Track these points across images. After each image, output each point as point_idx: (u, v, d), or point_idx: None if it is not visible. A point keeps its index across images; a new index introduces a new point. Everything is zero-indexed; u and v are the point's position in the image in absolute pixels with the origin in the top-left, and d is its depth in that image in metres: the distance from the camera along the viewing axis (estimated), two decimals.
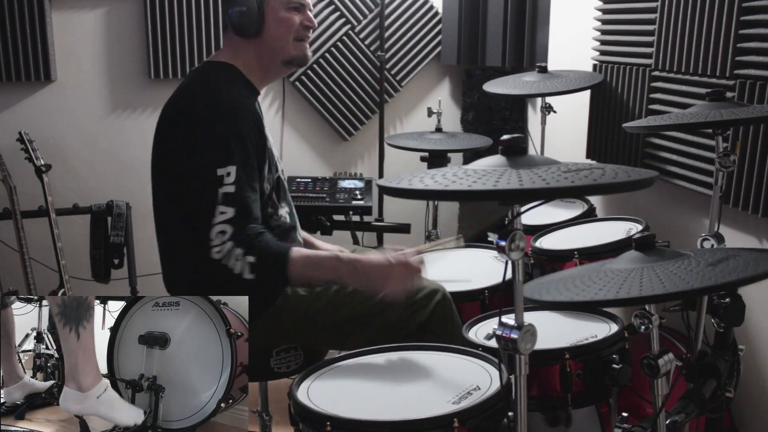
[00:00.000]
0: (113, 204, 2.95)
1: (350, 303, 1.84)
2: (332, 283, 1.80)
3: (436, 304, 1.81)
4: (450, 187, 1.11)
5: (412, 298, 1.82)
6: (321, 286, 1.81)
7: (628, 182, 1.11)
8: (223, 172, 1.71)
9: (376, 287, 1.71)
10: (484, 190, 1.10)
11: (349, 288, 1.85)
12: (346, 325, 1.84)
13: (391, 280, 1.70)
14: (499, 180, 1.11)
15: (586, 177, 1.11)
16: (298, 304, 1.85)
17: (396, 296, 1.70)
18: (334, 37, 3.46)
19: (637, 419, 1.58)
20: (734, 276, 1.21)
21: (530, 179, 1.10)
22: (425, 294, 1.82)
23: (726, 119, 1.64)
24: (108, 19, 3.25)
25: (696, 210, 2.36)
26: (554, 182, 1.08)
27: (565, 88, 2.60)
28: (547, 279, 1.46)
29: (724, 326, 1.71)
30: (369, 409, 1.36)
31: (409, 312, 1.80)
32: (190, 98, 1.84)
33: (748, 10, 2.03)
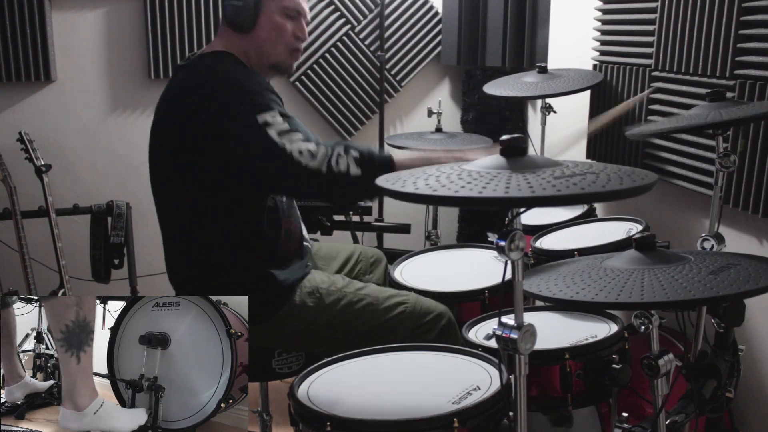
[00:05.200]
0: (113, 204, 2.95)
1: (357, 320, 1.85)
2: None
3: (442, 328, 1.84)
4: (459, 193, 1.10)
5: (419, 320, 1.84)
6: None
7: (622, 190, 1.08)
8: (266, 117, 1.71)
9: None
10: (494, 197, 1.08)
11: (357, 305, 1.87)
12: (350, 339, 1.84)
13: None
14: (509, 187, 1.10)
15: (575, 185, 1.09)
16: (304, 314, 1.85)
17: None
18: (334, 37, 3.46)
19: (637, 419, 1.58)
20: (736, 288, 1.21)
21: (540, 185, 1.09)
22: (432, 318, 1.85)
23: (726, 119, 1.64)
24: (108, 19, 3.25)
25: (696, 210, 2.36)
26: (550, 190, 1.08)
27: (565, 88, 2.59)
28: (546, 273, 1.45)
29: (724, 326, 1.71)
30: (369, 409, 1.36)
31: (416, 334, 1.82)
32: (206, 82, 1.80)
33: (748, 10, 2.03)
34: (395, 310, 1.86)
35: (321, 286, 1.90)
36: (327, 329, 1.86)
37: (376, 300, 1.88)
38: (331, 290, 1.89)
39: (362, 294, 1.90)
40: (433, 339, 1.81)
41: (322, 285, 1.90)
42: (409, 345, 1.62)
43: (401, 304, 1.87)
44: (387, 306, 1.87)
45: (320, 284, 1.90)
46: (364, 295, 1.89)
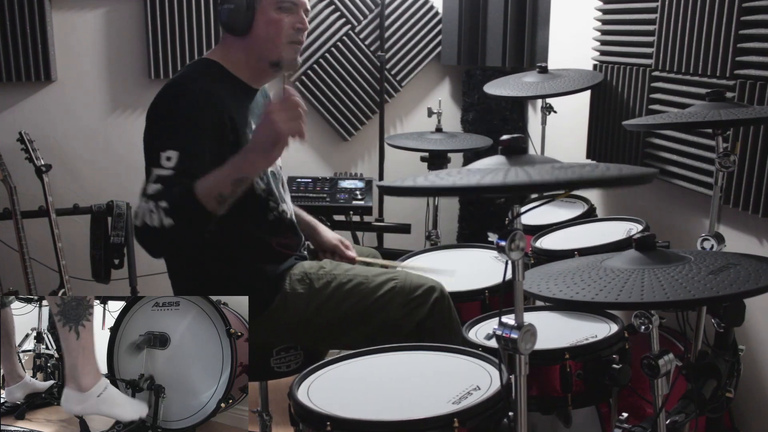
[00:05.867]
0: (113, 204, 2.95)
1: (349, 301, 1.85)
2: (240, 176, 1.62)
3: (434, 302, 1.82)
4: (459, 183, 1.09)
5: (410, 295, 1.82)
6: (237, 190, 1.63)
7: (622, 177, 1.07)
8: (164, 155, 1.63)
9: (273, 141, 1.58)
10: (493, 185, 1.06)
11: (347, 285, 1.85)
12: (344, 323, 1.84)
13: (277, 125, 1.57)
14: (507, 174, 1.09)
15: (574, 172, 1.08)
16: (296, 303, 1.85)
17: (293, 132, 1.58)
18: (334, 37, 3.46)
19: (637, 419, 1.58)
20: (736, 288, 1.21)
21: (538, 174, 1.09)
22: (423, 291, 1.83)
23: (726, 119, 1.65)
24: (108, 19, 3.25)
25: (696, 210, 2.36)
26: (548, 176, 1.06)
27: (565, 88, 2.60)
28: (546, 272, 1.45)
29: (725, 326, 1.71)
30: (369, 409, 1.36)
31: (408, 309, 1.81)
32: (158, 94, 1.79)
33: (748, 10, 2.03)
34: (385, 287, 1.85)
35: (310, 271, 1.89)
36: (320, 315, 1.85)
37: (366, 279, 1.87)
38: (320, 274, 1.89)
39: (351, 274, 1.89)
40: (425, 313, 1.79)
41: (310, 270, 1.90)
42: (409, 345, 1.62)
43: (391, 280, 1.86)
44: (377, 284, 1.86)
45: (309, 269, 1.90)
46: (354, 275, 1.89)
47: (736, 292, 1.21)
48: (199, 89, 1.76)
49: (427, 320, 1.80)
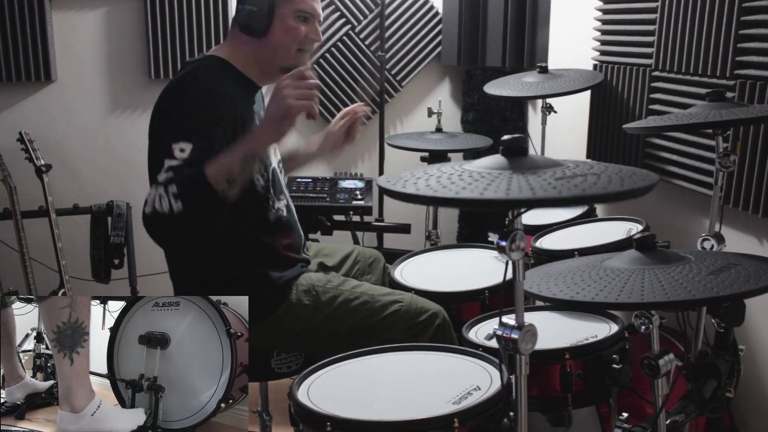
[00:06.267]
0: (113, 204, 2.96)
1: (353, 318, 1.85)
2: (248, 152, 1.62)
3: (437, 328, 1.83)
4: (460, 194, 1.10)
5: (414, 320, 1.84)
6: (245, 171, 1.64)
7: (623, 192, 1.08)
8: (177, 147, 1.63)
9: (281, 115, 1.59)
10: (496, 199, 1.08)
11: (354, 302, 1.87)
12: (347, 337, 1.84)
13: (287, 99, 1.57)
14: (510, 189, 1.10)
15: (576, 186, 1.09)
16: (301, 313, 1.85)
17: (302, 109, 1.59)
18: (335, 37, 3.46)
19: (637, 419, 1.58)
20: (736, 288, 1.21)
21: (541, 187, 1.09)
22: (427, 317, 1.84)
23: (726, 119, 1.64)
24: (108, 19, 3.25)
25: (696, 210, 2.36)
26: (551, 192, 1.07)
27: (565, 88, 2.59)
28: (546, 271, 1.45)
29: (724, 326, 1.71)
30: (369, 409, 1.36)
31: (410, 334, 1.82)
32: (168, 87, 1.80)
33: (748, 10, 2.03)
34: (390, 309, 1.86)
35: (317, 284, 1.90)
36: (323, 327, 1.86)
37: (372, 298, 1.88)
38: (327, 288, 1.90)
39: (358, 292, 1.90)
40: (428, 339, 1.81)
41: (318, 283, 1.90)
42: (409, 345, 1.62)
43: (396, 302, 1.87)
44: (382, 304, 1.87)
45: (316, 282, 1.91)
46: (360, 293, 1.89)
47: (736, 293, 1.21)
48: (212, 83, 1.78)
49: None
